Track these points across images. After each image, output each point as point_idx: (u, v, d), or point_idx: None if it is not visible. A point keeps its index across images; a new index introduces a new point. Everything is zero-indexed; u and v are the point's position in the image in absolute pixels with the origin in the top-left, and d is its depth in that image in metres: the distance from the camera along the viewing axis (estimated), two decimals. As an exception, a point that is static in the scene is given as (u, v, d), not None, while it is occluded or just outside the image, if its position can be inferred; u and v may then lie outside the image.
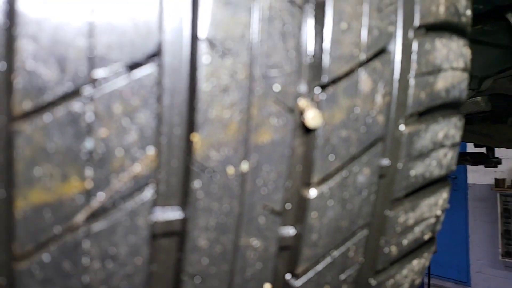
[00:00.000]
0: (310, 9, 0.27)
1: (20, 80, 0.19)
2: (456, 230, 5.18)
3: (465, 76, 0.36)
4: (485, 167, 2.92)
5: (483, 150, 3.03)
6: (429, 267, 4.15)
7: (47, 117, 0.19)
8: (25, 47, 0.18)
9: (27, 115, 0.19)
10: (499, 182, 4.78)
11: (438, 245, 4.40)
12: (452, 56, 0.34)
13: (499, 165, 4.45)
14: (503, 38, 1.36)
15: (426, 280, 4.04)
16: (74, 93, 0.20)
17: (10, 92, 0.19)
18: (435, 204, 0.36)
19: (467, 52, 0.36)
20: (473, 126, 2.34)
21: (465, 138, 2.48)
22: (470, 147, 3.03)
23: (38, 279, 0.20)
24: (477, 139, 2.37)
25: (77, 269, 0.21)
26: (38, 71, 0.19)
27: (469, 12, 0.37)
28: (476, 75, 1.71)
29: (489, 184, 4.90)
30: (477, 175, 5.03)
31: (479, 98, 2.19)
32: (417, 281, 0.40)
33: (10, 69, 0.18)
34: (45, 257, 0.20)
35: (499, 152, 2.92)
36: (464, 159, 3.13)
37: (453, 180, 5.21)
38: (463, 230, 5.14)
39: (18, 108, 0.19)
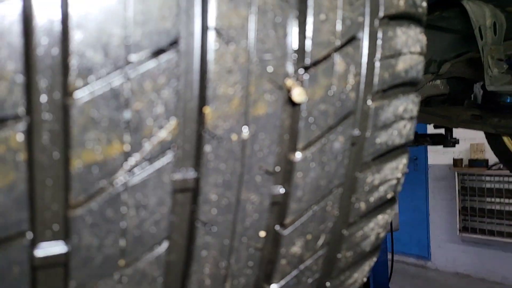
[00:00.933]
0: (295, 3, 0.33)
1: (74, 63, 0.24)
2: (417, 208, 5.50)
3: (421, 59, 0.43)
4: (444, 146, 3.11)
5: (442, 131, 3.21)
6: (392, 245, 4.41)
7: (94, 92, 0.24)
8: (77, 36, 0.23)
9: (79, 90, 0.24)
10: (457, 162, 5.09)
11: (400, 223, 4.66)
12: (410, 42, 0.41)
13: (457, 146, 4.72)
14: (458, 24, 1.48)
15: (390, 257, 4.29)
16: (115, 73, 0.25)
17: (66, 72, 0.24)
18: (396, 168, 0.44)
19: (423, 38, 0.43)
20: (433, 108, 2.49)
21: (425, 120, 2.62)
22: (431, 129, 3.21)
23: (87, 224, 0.26)
24: (436, 121, 2.52)
25: (117, 216, 0.27)
26: (88, 55, 0.24)
27: (424, 4, 0.44)
28: (436, 59, 1.84)
29: (448, 164, 5.21)
30: (437, 156, 5.33)
31: (438, 82, 2.34)
32: (382, 235, 0.48)
33: (66, 54, 0.23)
34: (94, 206, 0.26)
35: (457, 134, 3.12)
36: (425, 140, 3.33)
37: (414, 161, 5.50)
38: (424, 209, 5.46)
39: (72, 85, 0.24)
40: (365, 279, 0.50)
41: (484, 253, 4.97)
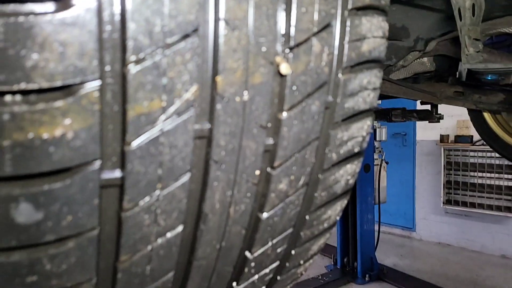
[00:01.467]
0: (283, -1, 0.44)
1: (130, 44, 0.35)
2: (404, 182, 5.71)
3: (383, 41, 0.54)
4: (429, 122, 3.25)
5: (428, 108, 3.34)
6: (379, 216, 4.62)
7: (143, 64, 0.36)
8: (132, 25, 0.34)
9: (133, 63, 0.35)
10: (443, 138, 5.27)
11: (388, 196, 4.86)
12: (374, 28, 0.52)
13: (444, 122, 4.86)
14: (442, 4, 1.58)
15: (376, 228, 4.51)
16: (157, 52, 0.36)
17: (124, 50, 0.35)
18: (362, 128, 0.56)
19: (385, 25, 0.55)
20: (419, 85, 2.60)
21: (412, 95, 2.73)
22: (419, 107, 3.33)
23: (137, 157, 0.37)
24: (422, 97, 2.63)
25: (157, 152, 0.38)
26: (139, 39, 0.35)
27: (387, -3, 0.55)
28: (422, 37, 1.95)
29: (435, 140, 5.39)
30: (425, 132, 5.50)
31: (425, 59, 2.45)
32: (351, 181, 0.61)
33: (124, 37, 0.34)
34: (141, 144, 0.37)
35: (445, 110, 3.25)
36: (412, 115, 3.46)
37: (403, 136, 5.67)
38: (410, 182, 5.67)
39: (128, 59, 0.35)
40: (337, 218, 0.63)
41: (465, 224, 5.23)
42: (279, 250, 0.57)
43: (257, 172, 0.47)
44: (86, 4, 0.33)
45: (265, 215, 0.50)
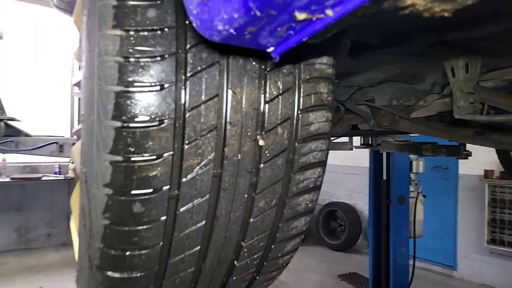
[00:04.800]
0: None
1: (186, 134, 0.83)
2: (444, 217, 5.86)
3: (326, 124, 1.00)
4: (457, 158, 3.54)
5: (456, 143, 3.63)
6: (414, 250, 4.83)
7: (191, 144, 0.84)
8: (187, 128, 0.83)
9: (187, 144, 0.84)
10: (487, 173, 5.41)
11: (427, 231, 5.07)
12: (318, 117, 0.98)
13: (487, 157, 5.07)
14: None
15: (411, 262, 4.72)
16: (198, 138, 0.84)
17: (183, 136, 0.83)
18: (314, 172, 1.01)
19: (327, 114, 1.00)
20: (439, 124, 2.96)
21: (433, 134, 3.08)
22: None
23: (186, 185, 0.85)
24: (441, 135, 2.98)
25: (194, 183, 0.86)
26: (189, 133, 0.83)
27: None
28: (438, 82, 2.35)
29: (478, 175, 5.53)
30: (467, 166, 5.66)
31: (447, 99, 2.83)
32: (310, 205, 1.05)
33: (184, 131, 0.83)
34: (188, 178, 0.85)
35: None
36: (441, 151, 3.78)
37: (444, 170, 5.86)
38: (452, 218, 5.81)
39: (185, 141, 0.84)
40: (303, 228, 1.08)
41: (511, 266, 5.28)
42: (261, 243, 1.02)
43: (246, 196, 0.93)
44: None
45: (251, 220, 0.96)
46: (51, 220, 7.60)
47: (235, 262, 1.04)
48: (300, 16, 0.59)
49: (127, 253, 0.87)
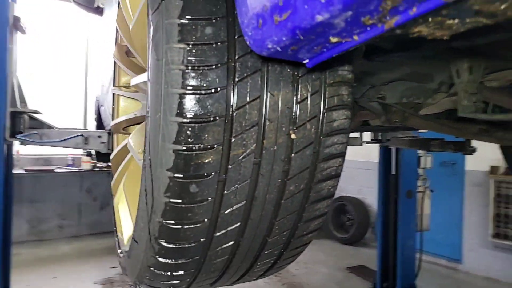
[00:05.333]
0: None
1: (233, 141, 1.02)
2: (452, 212, 6.02)
3: (346, 121, 1.18)
4: (463, 154, 3.70)
5: (463, 140, 3.79)
6: (421, 243, 5.01)
7: (236, 141, 1.03)
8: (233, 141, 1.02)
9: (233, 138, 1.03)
10: (493, 169, 5.57)
11: (434, 225, 5.24)
12: (340, 115, 1.16)
13: (496, 153, 5.23)
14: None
15: (418, 255, 4.89)
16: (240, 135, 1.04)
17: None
18: (335, 162, 1.20)
19: (347, 112, 1.18)
20: (446, 121, 3.12)
21: (440, 130, 3.25)
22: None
23: (231, 170, 1.04)
24: (448, 132, 3.14)
25: (240, 169, 1.05)
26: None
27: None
28: (445, 81, 2.53)
29: (485, 171, 5.69)
30: (474, 162, 5.81)
31: (454, 97, 2.99)
32: (332, 190, 1.24)
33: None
34: (233, 166, 1.04)
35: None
36: (449, 147, 3.94)
37: (452, 165, 6.01)
38: (458, 212, 5.97)
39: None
40: (325, 210, 1.26)
41: (516, 260, 5.43)
42: (290, 222, 1.21)
43: (279, 180, 1.12)
44: (219, 116, 1.01)
45: (283, 201, 1.15)
46: (63, 212, 7.77)
47: (267, 238, 1.23)
48: (333, 39, 0.77)
49: (182, 226, 1.06)
